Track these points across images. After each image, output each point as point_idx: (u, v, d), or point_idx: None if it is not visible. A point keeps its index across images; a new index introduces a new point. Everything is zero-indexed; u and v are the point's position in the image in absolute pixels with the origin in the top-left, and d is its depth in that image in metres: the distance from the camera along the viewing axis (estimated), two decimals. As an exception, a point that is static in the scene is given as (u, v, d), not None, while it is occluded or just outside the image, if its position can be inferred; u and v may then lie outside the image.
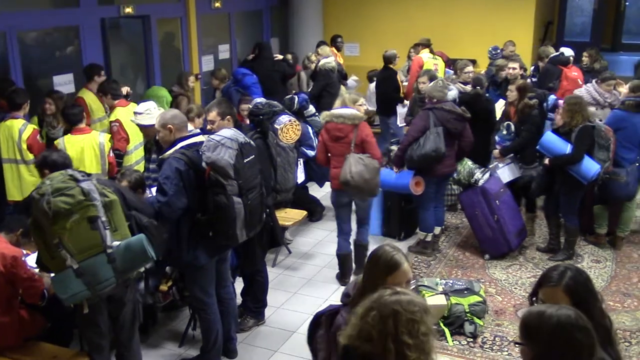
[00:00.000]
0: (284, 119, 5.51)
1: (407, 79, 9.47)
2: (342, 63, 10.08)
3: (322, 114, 5.81)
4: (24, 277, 3.99)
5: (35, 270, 3.97)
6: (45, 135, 6.45)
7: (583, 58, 9.52)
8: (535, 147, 6.17)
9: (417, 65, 8.96)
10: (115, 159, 6.15)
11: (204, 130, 5.00)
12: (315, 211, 7.40)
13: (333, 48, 10.16)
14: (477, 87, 7.40)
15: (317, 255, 6.60)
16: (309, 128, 6.76)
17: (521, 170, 6.62)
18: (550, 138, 5.99)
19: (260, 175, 4.40)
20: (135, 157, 6.48)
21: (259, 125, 5.47)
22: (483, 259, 6.35)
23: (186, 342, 4.96)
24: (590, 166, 5.81)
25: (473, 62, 9.23)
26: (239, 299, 5.17)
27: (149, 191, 4.83)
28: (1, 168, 6.04)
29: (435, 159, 5.92)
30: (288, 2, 11.82)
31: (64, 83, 7.60)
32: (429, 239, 6.44)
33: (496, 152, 6.69)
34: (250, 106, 5.85)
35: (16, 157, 5.96)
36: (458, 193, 6.87)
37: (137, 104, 5.95)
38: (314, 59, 9.33)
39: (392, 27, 11.77)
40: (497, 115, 7.10)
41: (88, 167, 5.68)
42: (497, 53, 9.90)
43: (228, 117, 5.01)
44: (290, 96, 6.94)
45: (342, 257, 5.92)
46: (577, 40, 12.74)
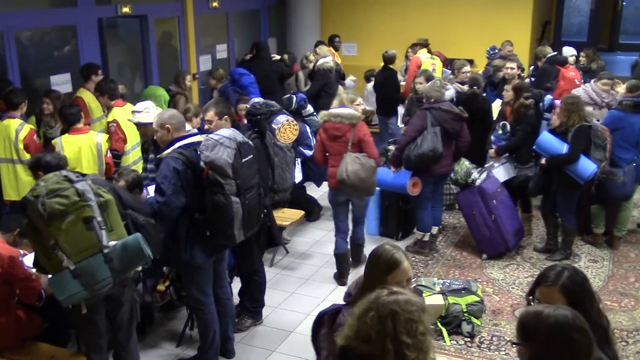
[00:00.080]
0: (282, 118, 5.52)
1: (404, 78, 9.47)
2: (340, 63, 10.08)
3: (321, 114, 5.83)
4: (21, 278, 3.98)
5: (33, 270, 3.96)
6: (42, 135, 6.44)
7: (580, 58, 9.56)
8: (531, 147, 6.18)
9: (415, 65, 8.95)
10: (113, 159, 6.14)
11: (201, 130, 5.00)
12: (312, 211, 7.40)
13: (331, 48, 10.16)
14: (473, 87, 7.42)
15: (314, 255, 6.60)
16: (307, 127, 6.76)
17: (516, 170, 6.62)
18: (547, 138, 6.00)
19: (258, 175, 4.40)
20: (132, 157, 6.48)
21: (257, 125, 5.47)
22: (480, 259, 6.36)
23: (184, 342, 4.96)
24: (586, 166, 5.82)
25: (470, 62, 9.22)
26: (236, 298, 5.16)
27: (146, 191, 4.83)
28: (-2, 168, 6.04)
29: (433, 159, 5.93)
30: (285, 1, 11.82)
31: (61, 83, 7.59)
32: (426, 238, 6.45)
33: (492, 151, 6.70)
34: (248, 106, 5.86)
35: (13, 157, 5.97)
36: (456, 192, 6.87)
37: (134, 104, 5.95)
38: (313, 58, 9.33)
39: (389, 26, 11.78)
40: (494, 115, 7.11)
41: (85, 167, 5.68)
42: (495, 53, 9.90)
43: (225, 116, 5.00)
44: (289, 95, 6.94)
45: (340, 257, 5.92)
46: (574, 40, 12.73)
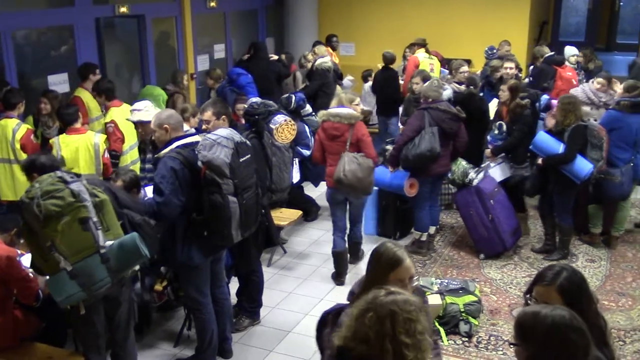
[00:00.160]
0: (280, 118, 5.52)
1: (402, 78, 9.47)
2: (338, 63, 10.07)
3: (319, 113, 5.84)
4: (19, 278, 3.97)
5: (30, 270, 3.95)
6: (40, 135, 6.43)
7: (578, 58, 9.56)
8: (527, 147, 6.19)
9: (413, 65, 8.95)
10: (112, 159, 6.13)
11: (199, 130, 5.00)
12: (310, 211, 7.40)
13: (328, 48, 10.16)
14: (470, 86, 7.42)
15: (312, 254, 6.60)
16: (306, 127, 6.76)
17: (512, 170, 6.63)
18: (543, 138, 6.00)
19: (255, 174, 4.40)
20: (130, 157, 6.48)
21: (255, 125, 5.47)
22: (478, 259, 6.36)
23: (181, 342, 4.95)
24: (583, 165, 5.83)
25: (468, 62, 9.23)
26: (234, 298, 5.16)
27: (144, 191, 4.82)
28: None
29: (430, 159, 5.93)
30: (283, 1, 11.82)
31: (58, 83, 7.58)
32: (424, 238, 6.45)
33: (488, 151, 6.70)
34: (245, 106, 5.86)
35: (9, 157, 5.96)
36: (454, 192, 6.88)
37: (132, 104, 5.95)
38: (311, 58, 9.32)
39: (387, 26, 11.79)
40: (491, 115, 7.12)
41: (82, 168, 5.67)
42: (493, 53, 9.90)
43: (223, 116, 4.99)
44: (288, 95, 6.93)
45: (338, 255, 5.92)
46: (571, 40, 12.76)
